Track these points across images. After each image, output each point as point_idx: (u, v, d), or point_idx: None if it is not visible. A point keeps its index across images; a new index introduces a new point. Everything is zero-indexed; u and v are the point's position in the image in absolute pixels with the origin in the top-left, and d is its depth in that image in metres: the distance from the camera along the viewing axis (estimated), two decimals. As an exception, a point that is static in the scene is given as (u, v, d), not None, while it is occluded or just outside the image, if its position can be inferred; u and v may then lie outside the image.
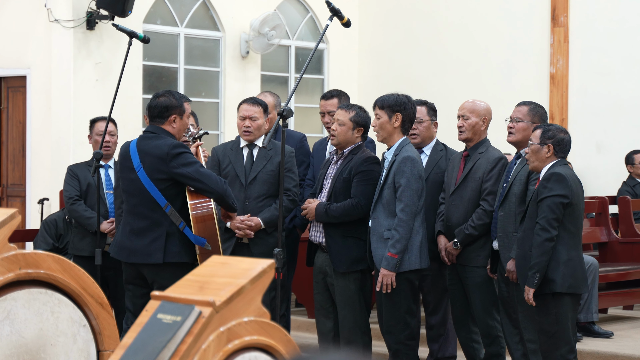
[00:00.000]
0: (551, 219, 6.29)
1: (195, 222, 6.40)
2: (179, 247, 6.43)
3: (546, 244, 6.28)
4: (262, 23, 12.80)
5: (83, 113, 11.12)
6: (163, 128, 6.55)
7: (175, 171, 6.40)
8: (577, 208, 6.40)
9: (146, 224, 6.46)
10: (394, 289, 6.82)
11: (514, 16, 13.02)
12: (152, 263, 6.43)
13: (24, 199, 11.92)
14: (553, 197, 6.29)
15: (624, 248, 10.33)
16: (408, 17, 13.86)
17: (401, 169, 6.84)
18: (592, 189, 12.03)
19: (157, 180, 6.43)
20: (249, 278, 3.26)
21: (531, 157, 6.50)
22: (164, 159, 6.40)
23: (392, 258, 6.76)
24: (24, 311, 3.83)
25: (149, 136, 6.54)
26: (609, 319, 9.91)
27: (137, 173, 6.46)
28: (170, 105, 6.55)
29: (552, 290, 6.30)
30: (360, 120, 7.12)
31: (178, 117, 6.56)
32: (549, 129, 6.49)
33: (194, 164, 6.45)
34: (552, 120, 12.33)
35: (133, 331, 3.22)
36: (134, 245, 6.50)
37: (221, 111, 12.98)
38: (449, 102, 11.24)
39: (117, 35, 10.92)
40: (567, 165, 6.52)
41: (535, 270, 6.28)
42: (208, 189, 6.43)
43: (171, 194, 6.45)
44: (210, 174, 6.52)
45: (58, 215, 8.51)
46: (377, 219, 6.91)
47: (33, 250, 5.89)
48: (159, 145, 6.45)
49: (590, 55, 12.47)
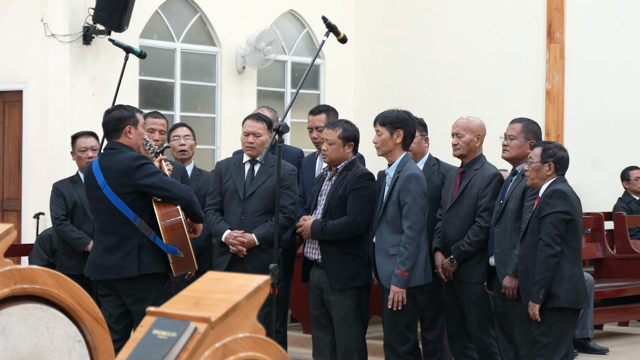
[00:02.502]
0: (555, 235, 6.35)
1: (165, 232, 6.43)
2: (152, 258, 6.47)
3: (550, 260, 6.33)
4: (259, 38, 12.82)
5: (79, 128, 11.09)
6: (120, 142, 6.58)
7: (140, 182, 6.43)
8: (578, 224, 6.48)
9: (117, 239, 6.49)
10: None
11: (510, 32, 13.06)
12: (127, 277, 6.45)
13: (20, 213, 11.91)
14: (556, 213, 6.36)
15: (619, 264, 10.34)
16: (404, 34, 13.89)
17: (406, 186, 6.88)
18: (588, 205, 12.04)
19: (123, 195, 6.45)
20: (245, 294, 3.26)
21: (531, 174, 6.54)
22: (127, 172, 6.44)
23: (402, 275, 6.80)
24: (19, 326, 3.83)
25: (110, 152, 6.57)
26: (605, 335, 9.91)
27: (103, 190, 6.48)
28: (122, 117, 6.58)
29: (555, 305, 6.36)
30: (349, 135, 7.13)
31: (132, 127, 6.59)
32: (549, 147, 6.55)
33: (157, 173, 6.48)
34: (548, 136, 12.35)
35: (128, 347, 3.22)
36: (107, 262, 6.52)
37: (217, 126, 12.99)
38: (445, 117, 11.26)
39: (114, 50, 10.93)
40: (566, 183, 6.57)
41: (540, 286, 6.33)
42: (174, 196, 6.46)
43: (138, 207, 6.48)
44: (174, 181, 6.54)
45: (52, 230, 8.48)
46: (382, 236, 6.95)
47: (28, 265, 5.88)
48: (120, 159, 6.48)
49: (585, 71, 12.50)
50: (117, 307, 6.63)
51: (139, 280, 6.47)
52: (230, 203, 7.40)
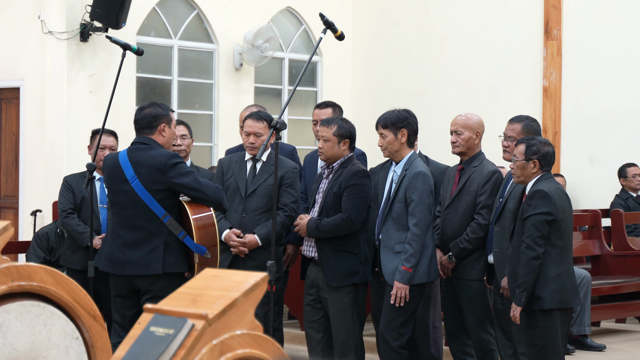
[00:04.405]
0: (536, 237, 6.29)
1: (197, 231, 6.42)
2: (176, 257, 6.46)
3: (532, 263, 6.28)
4: (256, 35, 12.81)
5: (76, 125, 11.13)
6: (152, 139, 6.57)
7: (174, 181, 6.42)
8: (564, 223, 6.38)
9: (142, 235, 6.46)
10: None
11: (507, 29, 13.05)
12: (151, 274, 6.43)
13: (17, 210, 11.90)
14: (538, 215, 6.29)
15: (616, 261, 10.35)
16: (402, 31, 13.89)
17: (413, 184, 6.91)
18: (585, 202, 12.05)
19: (154, 191, 6.43)
20: (242, 291, 3.26)
21: (517, 172, 6.51)
22: (162, 170, 6.42)
23: (407, 272, 6.84)
24: (16, 324, 3.83)
25: (141, 147, 6.54)
26: (602, 332, 9.92)
27: (132, 184, 6.46)
28: (158, 114, 6.58)
29: (540, 307, 6.30)
30: (343, 132, 7.13)
31: (167, 125, 6.60)
32: (533, 143, 6.46)
33: (191, 173, 6.50)
34: (545, 133, 12.35)
35: (126, 344, 3.22)
36: (128, 257, 6.48)
37: (214, 123, 12.98)
38: (442, 114, 11.27)
39: (111, 47, 10.92)
40: (552, 180, 6.49)
41: (523, 289, 6.29)
42: (207, 198, 6.48)
43: (168, 204, 6.47)
44: (208, 183, 6.57)
45: (50, 228, 8.47)
46: (388, 232, 6.98)
47: (25, 262, 5.88)
48: (154, 155, 6.46)
49: (583, 69, 12.49)
50: (130, 307, 6.61)
51: (161, 279, 6.45)
52: (231, 200, 7.40)
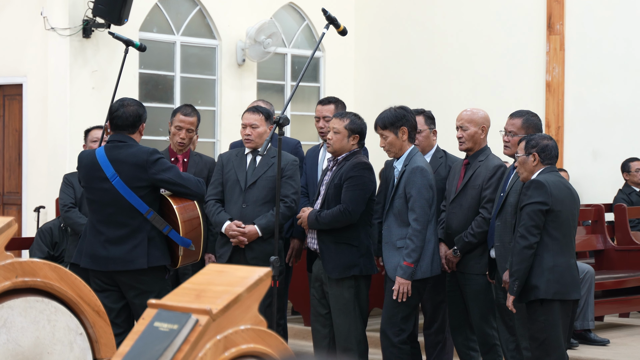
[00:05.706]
0: (530, 226, 6.30)
1: (183, 224, 6.48)
2: (161, 251, 6.53)
3: (525, 252, 6.29)
4: (259, 31, 12.81)
5: (79, 121, 11.12)
6: (131, 137, 6.61)
7: (156, 177, 6.49)
8: (562, 214, 6.37)
9: (125, 232, 6.50)
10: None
11: (510, 24, 13.04)
12: (135, 269, 6.47)
13: (20, 207, 11.92)
14: (532, 204, 6.30)
15: (620, 256, 10.33)
16: (404, 26, 13.88)
17: (411, 179, 6.91)
18: (588, 197, 12.04)
19: (136, 188, 6.49)
20: (246, 286, 3.26)
21: (520, 169, 6.53)
22: (143, 166, 6.48)
23: (408, 267, 6.85)
24: (20, 319, 3.83)
25: (118, 144, 6.57)
26: (605, 326, 9.91)
27: (112, 182, 6.48)
28: (141, 114, 6.66)
29: (536, 296, 6.30)
30: (355, 127, 7.14)
31: (144, 124, 6.70)
32: (532, 138, 6.51)
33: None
34: (548, 128, 12.35)
35: (130, 339, 3.23)
36: (111, 253, 6.52)
37: (217, 119, 12.98)
38: (445, 110, 11.26)
39: (114, 43, 10.92)
40: (554, 173, 6.48)
41: (515, 277, 6.31)
42: (189, 192, 6.58)
43: (150, 200, 6.54)
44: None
45: (53, 223, 8.49)
46: (389, 228, 7.00)
47: (29, 258, 5.89)
48: (134, 153, 6.51)
49: (586, 63, 12.48)
50: (115, 301, 6.62)
51: (145, 273, 6.50)
52: (231, 193, 7.42)
